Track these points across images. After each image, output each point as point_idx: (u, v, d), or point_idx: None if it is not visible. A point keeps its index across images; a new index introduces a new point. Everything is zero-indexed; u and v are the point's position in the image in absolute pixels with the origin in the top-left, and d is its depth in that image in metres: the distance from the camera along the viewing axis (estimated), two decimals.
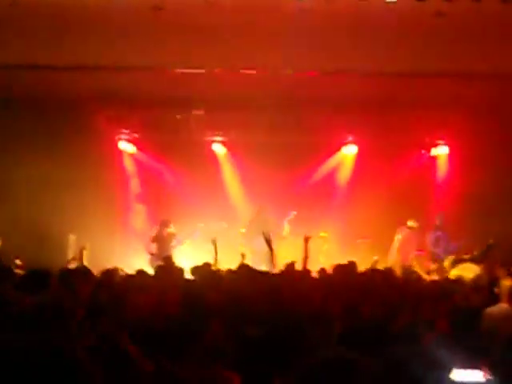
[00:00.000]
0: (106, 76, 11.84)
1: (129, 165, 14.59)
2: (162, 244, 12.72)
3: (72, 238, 12.76)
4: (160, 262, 9.80)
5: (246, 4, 9.17)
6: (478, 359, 2.80)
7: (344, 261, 8.70)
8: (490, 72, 11.01)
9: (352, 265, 8.34)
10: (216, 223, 13.09)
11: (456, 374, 1.41)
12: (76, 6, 9.43)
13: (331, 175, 14.73)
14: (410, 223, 12.86)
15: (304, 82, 11.87)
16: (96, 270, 7.30)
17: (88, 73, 11.43)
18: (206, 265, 8.28)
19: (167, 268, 8.38)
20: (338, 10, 9.29)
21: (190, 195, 13.77)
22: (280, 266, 8.75)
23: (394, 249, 12.75)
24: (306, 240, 9.22)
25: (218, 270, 8.33)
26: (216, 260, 9.73)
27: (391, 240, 12.96)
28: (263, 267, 9.56)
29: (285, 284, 6.44)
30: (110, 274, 7.19)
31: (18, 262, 9.59)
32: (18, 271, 7.58)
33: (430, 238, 12.04)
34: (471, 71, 10.95)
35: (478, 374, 1.34)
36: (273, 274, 8.10)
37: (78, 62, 10.71)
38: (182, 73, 11.40)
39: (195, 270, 7.86)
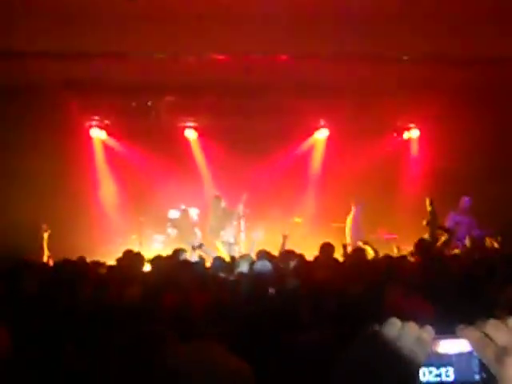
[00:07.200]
0: (76, 63, 11.66)
1: (100, 151, 14.49)
2: None
3: (44, 227, 12.60)
4: None
5: None
6: None
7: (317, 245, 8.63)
8: (460, 56, 11.06)
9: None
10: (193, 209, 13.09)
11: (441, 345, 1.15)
12: None
13: (304, 159, 14.74)
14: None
15: (275, 66, 11.83)
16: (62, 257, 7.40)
17: (57, 60, 11.25)
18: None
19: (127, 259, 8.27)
20: None
21: (162, 181, 13.70)
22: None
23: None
24: None
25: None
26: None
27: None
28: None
29: None
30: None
31: None
32: None
33: (448, 221, 11.70)
34: (441, 55, 10.98)
35: (462, 343, 1.09)
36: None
37: (47, 49, 10.55)
38: (152, 59, 11.30)
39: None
